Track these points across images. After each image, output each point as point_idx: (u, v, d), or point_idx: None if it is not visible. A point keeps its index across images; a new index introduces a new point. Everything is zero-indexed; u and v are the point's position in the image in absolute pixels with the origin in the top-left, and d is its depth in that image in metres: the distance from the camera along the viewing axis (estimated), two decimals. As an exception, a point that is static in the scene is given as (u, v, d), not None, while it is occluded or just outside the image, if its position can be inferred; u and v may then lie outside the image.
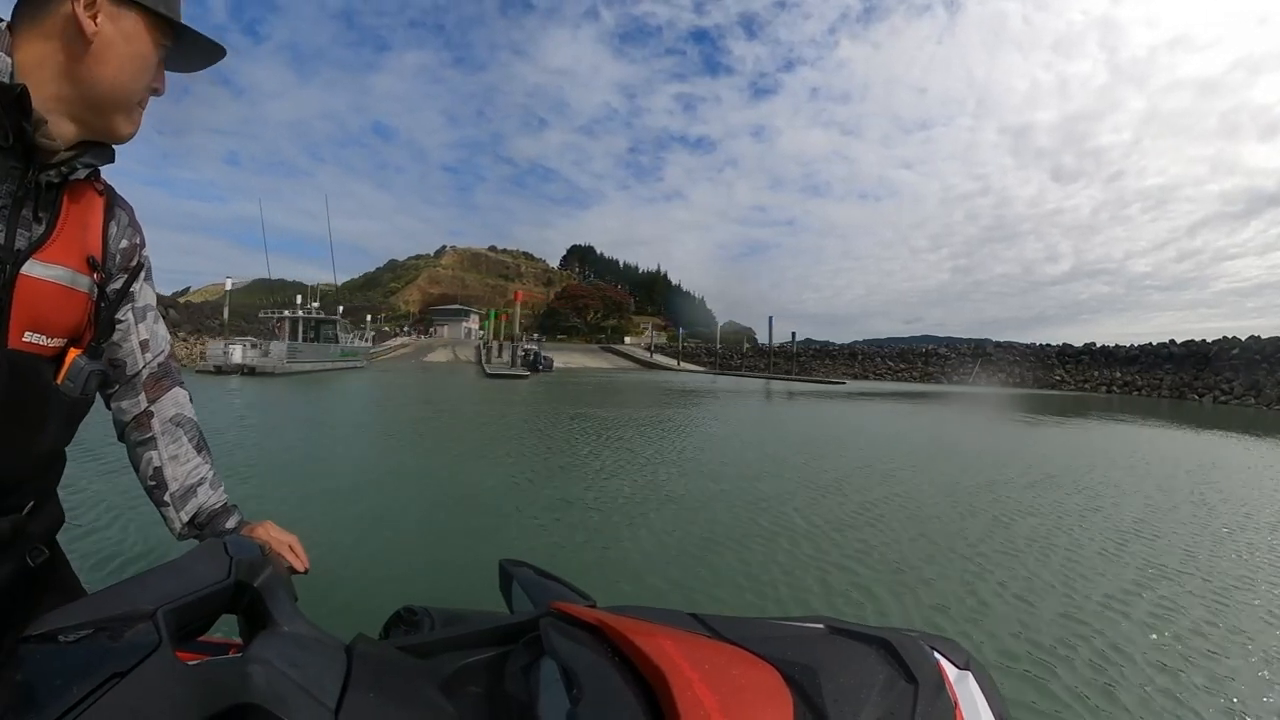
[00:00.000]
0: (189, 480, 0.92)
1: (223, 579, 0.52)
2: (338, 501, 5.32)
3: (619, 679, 0.43)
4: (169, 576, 0.49)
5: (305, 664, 0.43)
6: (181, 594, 0.47)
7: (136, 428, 0.92)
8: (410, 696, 0.46)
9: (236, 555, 0.56)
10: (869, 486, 6.54)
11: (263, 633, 0.48)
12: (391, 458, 7.82)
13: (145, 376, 0.92)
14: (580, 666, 0.45)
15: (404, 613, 0.69)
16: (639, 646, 0.45)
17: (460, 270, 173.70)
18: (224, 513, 0.94)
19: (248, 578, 0.54)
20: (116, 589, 0.46)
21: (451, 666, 0.52)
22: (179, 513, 0.91)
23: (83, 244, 0.78)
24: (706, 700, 0.38)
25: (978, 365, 47.53)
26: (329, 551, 3.79)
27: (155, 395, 0.93)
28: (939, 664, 0.47)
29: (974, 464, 8.23)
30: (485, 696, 0.50)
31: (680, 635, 0.48)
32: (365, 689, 0.43)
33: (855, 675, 0.43)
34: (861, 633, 0.49)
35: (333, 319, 32.70)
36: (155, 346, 0.93)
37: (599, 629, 0.50)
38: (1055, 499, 6.26)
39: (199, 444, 0.96)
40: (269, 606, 0.52)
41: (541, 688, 0.46)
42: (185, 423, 0.95)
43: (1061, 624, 3.23)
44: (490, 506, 5.35)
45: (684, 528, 4.78)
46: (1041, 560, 4.24)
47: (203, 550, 0.56)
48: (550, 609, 0.56)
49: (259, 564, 0.57)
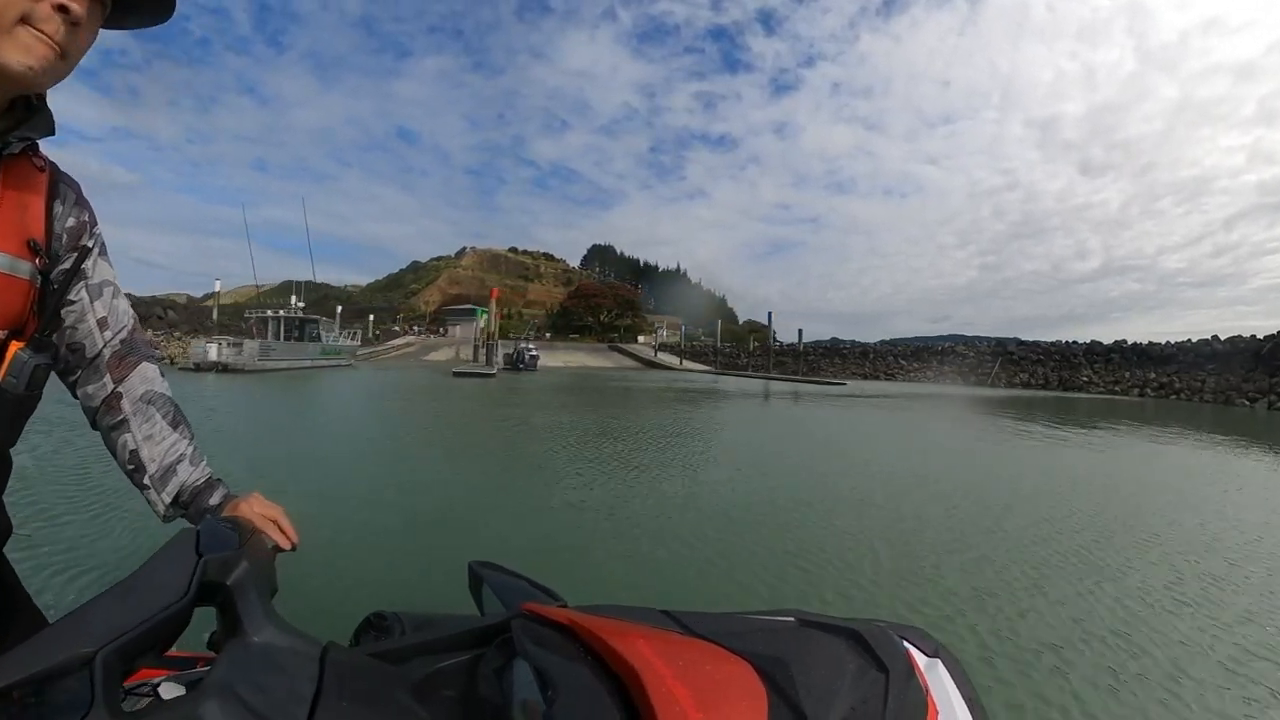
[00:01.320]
0: (167, 459, 0.85)
1: (180, 595, 0.47)
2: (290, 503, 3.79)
3: (592, 679, 0.43)
4: (118, 601, 0.45)
5: (271, 684, 0.41)
6: (130, 625, 0.43)
7: (107, 411, 0.84)
8: (384, 704, 0.44)
9: (208, 552, 0.52)
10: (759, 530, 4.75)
11: (228, 647, 0.45)
12: (331, 459, 7.35)
13: (108, 356, 0.84)
14: (553, 667, 0.44)
15: (374, 618, 0.67)
16: (611, 645, 0.44)
17: (480, 271, 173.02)
18: (208, 488, 0.86)
19: (219, 576, 0.51)
20: (54, 631, 0.42)
21: (424, 671, 0.50)
22: (161, 494, 0.84)
23: (22, 226, 0.72)
24: (681, 697, 0.38)
25: (997, 365, 43.64)
26: (287, 559, 1.98)
27: (122, 374, 0.85)
28: (908, 653, 0.47)
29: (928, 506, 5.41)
30: (459, 700, 0.48)
31: (652, 632, 0.48)
32: (337, 699, 0.41)
33: (827, 666, 0.43)
34: (831, 624, 0.49)
35: (314, 318, 32.60)
36: (116, 323, 0.85)
37: (571, 629, 0.49)
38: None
39: (174, 419, 0.88)
40: (239, 611, 0.49)
41: (515, 690, 0.46)
42: (157, 399, 0.87)
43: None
44: (449, 507, 5.16)
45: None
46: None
47: (166, 555, 0.51)
48: (521, 610, 0.55)
49: (232, 560, 0.53)
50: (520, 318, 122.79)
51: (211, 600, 0.51)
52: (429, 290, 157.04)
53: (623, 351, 68.80)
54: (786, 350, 55.86)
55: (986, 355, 45.45)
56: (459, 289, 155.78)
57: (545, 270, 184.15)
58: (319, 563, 3.36)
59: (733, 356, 61.78)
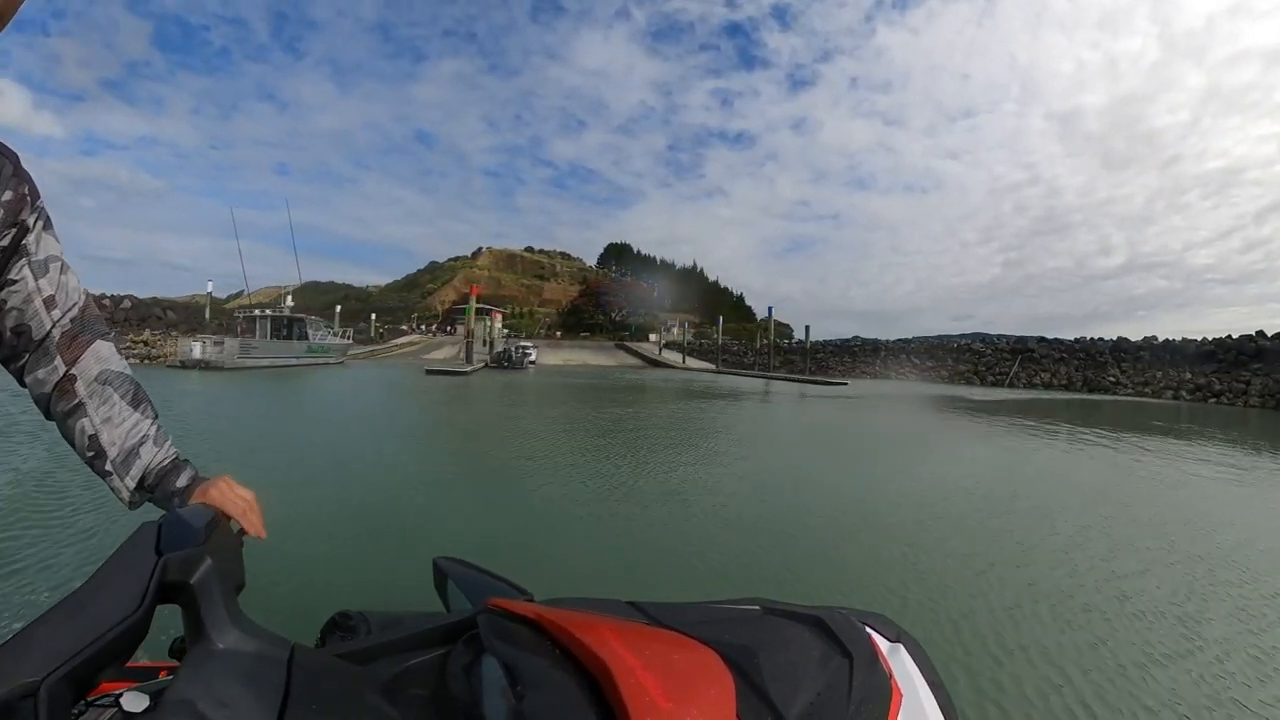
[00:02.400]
0: (129, 441, 0.79)
1: (133, 609, 0.43)
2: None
3: (562, 673, 0.42)
4: (65, 620, 0.41)
5: (236, 695, 0.39)
6: (78, 646, 0.40)
7: (60, 397, 0.77)
8: (353, 705, 0.43)
9: (169, 549, 0.48)
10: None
11: (191, 655, 0.44)
12: (302, 456, 7.07)
13: (58, 337, 0.77)
14: (522, 663, 0.43)
15: (339, 618, 0.67)
16: (579, 638, 0.44)
17: (496, 271, 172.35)
18: (174, 470, 0.81)
19: (181, 575, 0.48)
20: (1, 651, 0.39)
21: (392, 671, 0.49)
22: (124, 479, 0.78)
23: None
24: (650, 686, 0.38)
25: (1016, 364, 40.47)
26: (254, 552, 1.61)
27: (74, 355, 0.78)
28: (871, 638, 0.47)
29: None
30: (429, 699, 0.48)
31: (619, 624, 0.48)
32: (307, 702, 0.40)
33: (792, 653, 0.43)
34: (795, 612, 0.49)
35: (300, 317, 32.79)
36: (65, 301, 0.78)
37: (538, 623, 0.49)
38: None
39: (134, 398, 0.81)
40: (202, 614, 0.46)
41: (484, 686, 0.45)
42: (114, 378, 0.80)
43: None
44: (417, 504, 5.04)
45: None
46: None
47: (121, 558, 0.47)
48: (487, 606, 0.55)
49: (194, 558, 0.49)
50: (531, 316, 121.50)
51: (175, 599, 0.48)
52: (444, 290, 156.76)
53: (628, 350, 66.86)
54: (795, 348, 53.10)
55: (1005, 354, 42.23)
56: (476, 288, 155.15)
57: (561, 269, 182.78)
58: (280, 562, 3.19)
59: (739, 355, 59.13)
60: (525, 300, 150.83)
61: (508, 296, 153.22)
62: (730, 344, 66.71)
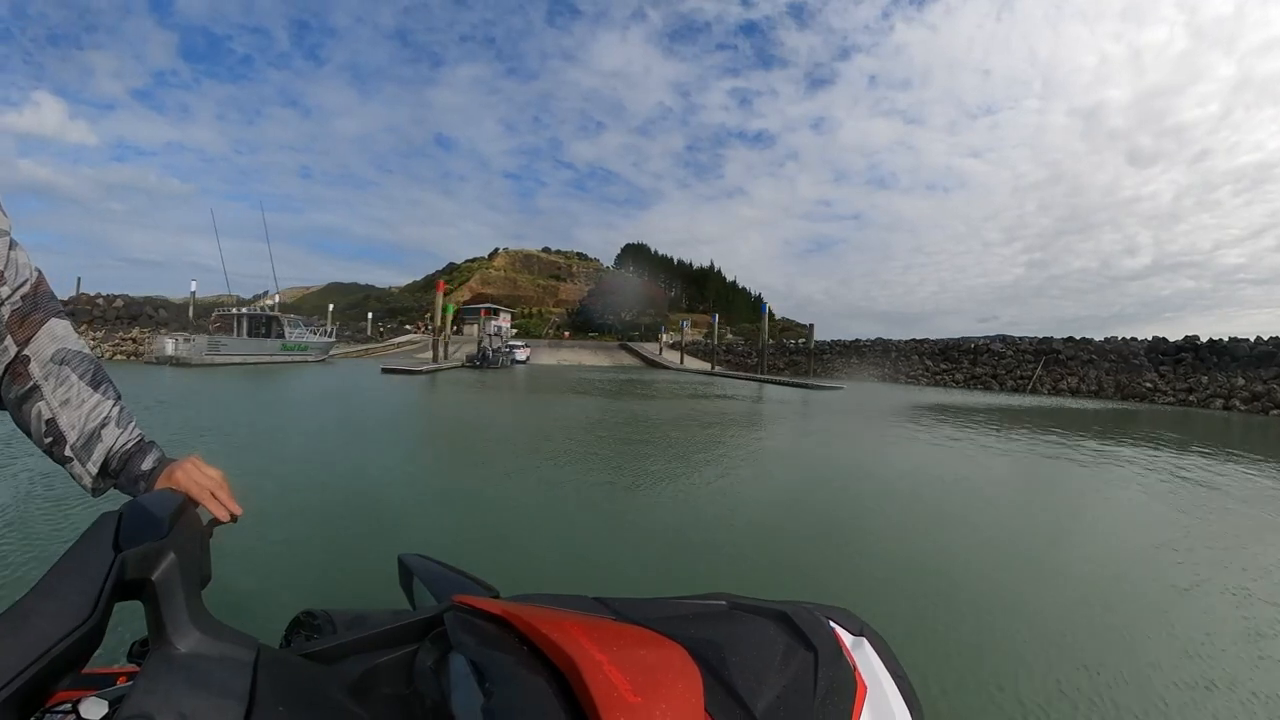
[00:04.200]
0: (89, 424, 0.73)
1: (84, 618, 0.40)
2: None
3: (529, 669, 0.42)
4: (8, 634, 0.37)
5: (198, 703, 0.37)
6: (25, 662, 0.36)
7: (13, 381, 0.72)
8: (321, 706, 0.42)
9: (129, 543, 0.45)
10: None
11: (151, 659, 0.41)
12: (259, 452, 6.95)
13: (8, 316, 0.71)
14: (489, 660, 0.43)
15: (304, 617, 0.65)
16: (546, 635, 0.43)
17: (511, 271, 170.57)
18: (139, 452, 0.76)
19: (142, 572, 0.45)
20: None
21: (359, 670, 0.48)
22: (86, 465, 0.73)
23: None
24: (618, 682, 0.37)
25: (1040, 367, 36.23)
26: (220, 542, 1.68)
27: (27, 335, 0.72)
28: (835, 632, 0.47)
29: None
30: (397, 698, 0.47)
31: (586, 620, 0.47)
32: (273, 704, 0.39)
33: (758, 648, 0.43)
34: (760, 607, 0.49)
35: (276, 315, 32.95)
36: (15, 278, 0.72)
37: (504, 620, 0.48)
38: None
39: (94, 378, 0.75)
40: (163, 615, 0.43)
41: (453, 684, 0.44)
42: (72, 357, 0.74)
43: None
44: (380, 499, 4.98)
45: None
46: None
47: (74, 558, 0.44)
48: (454, 603, 0.54)
49: (155, 553, 0.46)
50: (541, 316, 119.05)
51: (136, 596, 0.45)
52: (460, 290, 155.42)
53: (631, 350, 64.24)
54: (799, 349, 49.33)
55: (1028, 355, 37.96)
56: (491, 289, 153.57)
57: (578, 270, 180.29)
58: (241, 560, 3.14)
59: (744, 355, 55.48)
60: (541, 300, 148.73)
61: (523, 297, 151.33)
62: (736, 344, 63.12)
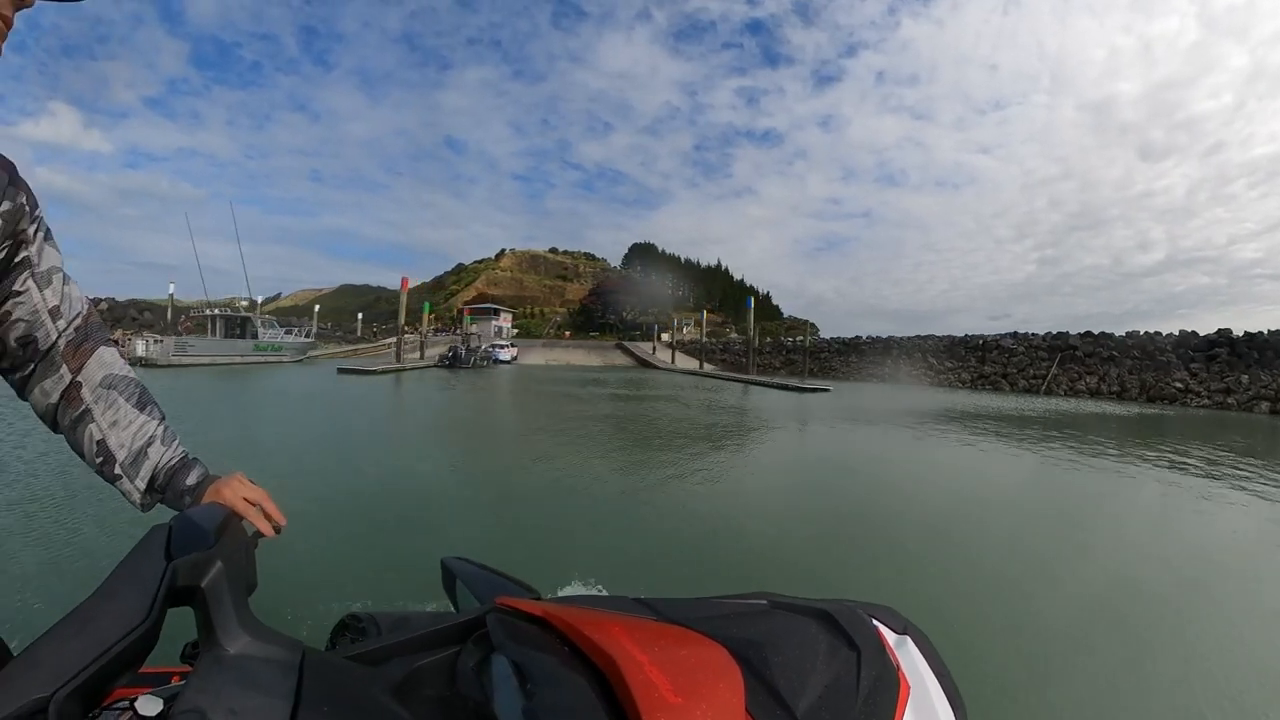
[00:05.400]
0: (137, 443, 0.77)
1: (141, 619, 0.42)
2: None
3: (570, 670, 0.42)
4: (71, 636, 0.40)
5: (246, 703, 0.38)
6: (86, 660, 0.38)
7: (67, 406, 0.76)
8: (364, 707, 0.42)
9: (179, 553, 0.47)
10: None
11: (201, 661, 0.42)
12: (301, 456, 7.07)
13: (63, 346, 0.76)
14: (531, 661, 0.43)
15: (349, 620, 0.66)
16: (587, 635, 0.43)
17: (518, 272, 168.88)
18: (184, 468, 0.79)
19: (192, 580, 0.46)
20: (5, 676, 0.38)
21: (403, 671, 0.48)
22: (134, 481, 0.76)
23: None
24: (659, 682, 0.37)
25: (1055, 365, 32.75)
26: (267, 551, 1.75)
27: (80, 363, 0.76)
28: (878, 630, 0.46)
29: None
30: (440, 699, 0.47)
31: (627, 620, 0.47)
32: (318, 705, 0.39)
33: (800, 647, 0.42)
34: (802, 606, 0.48)
35: (248, 316, 32.79)
36: (69, 311, 0.77)
37: (546, 621, 0.48)
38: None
39: (140, 400, 0.80)
40: (213, 619, 0.45)
41: (495, 685, 0.44)
42: (119, 381, 0.78)
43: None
44: (422, 503, 5.08)
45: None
46: None
47: (129, 566, 0.46)
48: (495, 605, 0.54)
49: (204, 561, 0.48)
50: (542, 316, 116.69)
51: (187, 603, 0.47)
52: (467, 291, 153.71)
53: (625, 349, 61.73)
54: (797, 347, 46.13)
55: (1042, 352, 34.44)
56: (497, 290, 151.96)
57: (584, 270, 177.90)
58: (287, 565, 3.11)
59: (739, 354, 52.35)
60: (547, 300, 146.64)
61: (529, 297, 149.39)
62: (734, 343, 60.02)
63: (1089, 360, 31.87)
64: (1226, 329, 28.39)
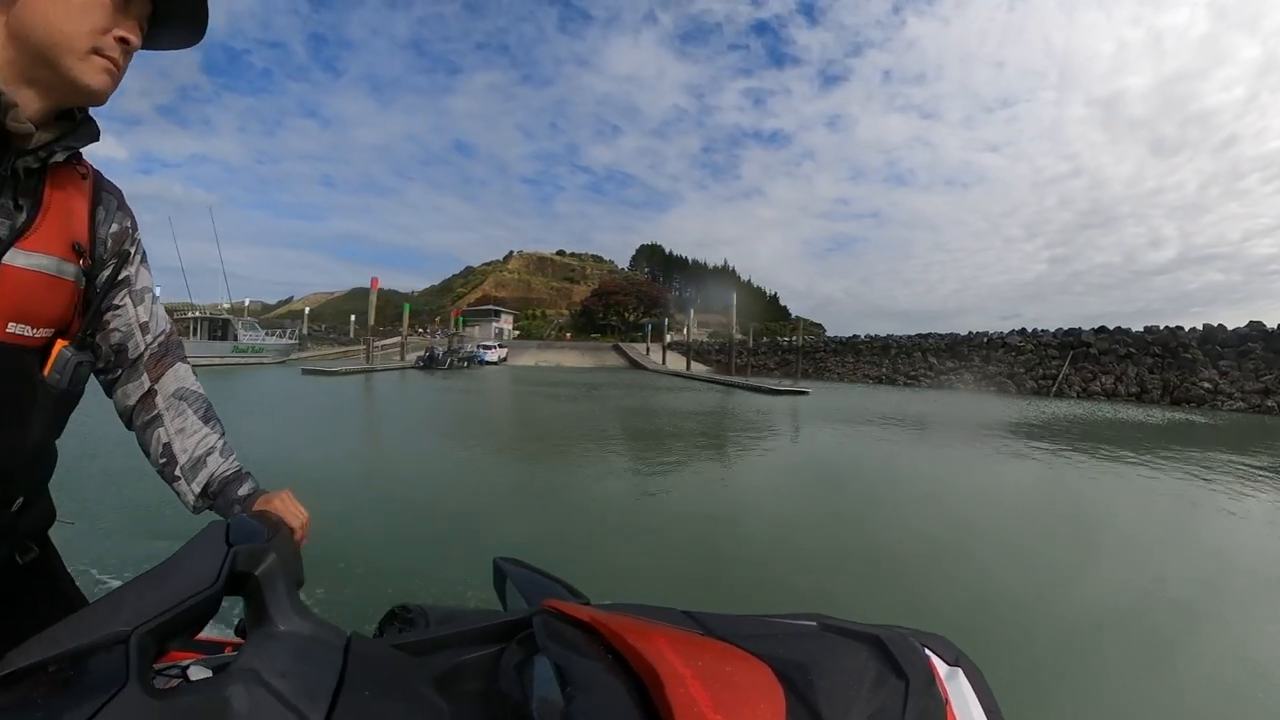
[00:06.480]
0: (198, 451, 0.85)
1: (210, 583, 0.45)
2: (324, 496, 4.73)
3: (611, 677, 0.41)
4: (151, 587, 0.43)
5: (295, 671, 0.39)
6: (162, 608, 0.42)
7: (142, 409, 0.85)
8: (405, 695, 0.42)
9: (237, 544, 0.50)
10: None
11: (254, 634, 0.45)
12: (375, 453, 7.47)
13: (147, 357, 0.86)
14: (573, 665, 0.43)
15: (399, 610, 0.67)
16: (631, 644, 0.43)
17: (526, 274, 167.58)
18: (236, 479, 0.85)
19: (248, 567, 0.49)
20: (92, 610, 0.41)
21: (446, 664, 0.48)
22: (190, 484, 0.83)
23: (68, 230, 0.72)
24: (700, 698, 0.36)
25: (1066, 364, 29.73)
26: (320, 548, 2.68)
27: (158, 374, 0.86)
28: (929, 660, 0.44)
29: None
30: (479, 694, 0.47)
31: (673, 632, 0.46)
32: (360, 688, 0.40)
33: (846, 672, 0.41)
34: (853, 630, 0.46)
35: (228, 319, 32.24)
36: (156, 327, 0.87)
37: (592, 627, 0.48)
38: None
39: (206, 415, 0.88)
40: (266, 601, 0.47)
41: (535, 685, 0.44)
42: (189, 395, 0.88)
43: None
44: (483, 503, 5.14)
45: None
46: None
47: (197, 544, 0.50)
48: (543, 607, 0.54)
49: (260, 552, 0.51)
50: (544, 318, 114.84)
51: (240, 590, 0.49)
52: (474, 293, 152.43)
53: (620, 351, 59.59)
54: (791, 346, 43.40)
55: (1052, 350, 31.40)
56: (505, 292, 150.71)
57: (591, 272, 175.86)
58: (345, 555, 3.28)
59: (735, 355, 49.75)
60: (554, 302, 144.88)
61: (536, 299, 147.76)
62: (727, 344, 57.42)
63: (1104, 359, 28.78)
64: (1259, 321, 25.21)
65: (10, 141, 0.65)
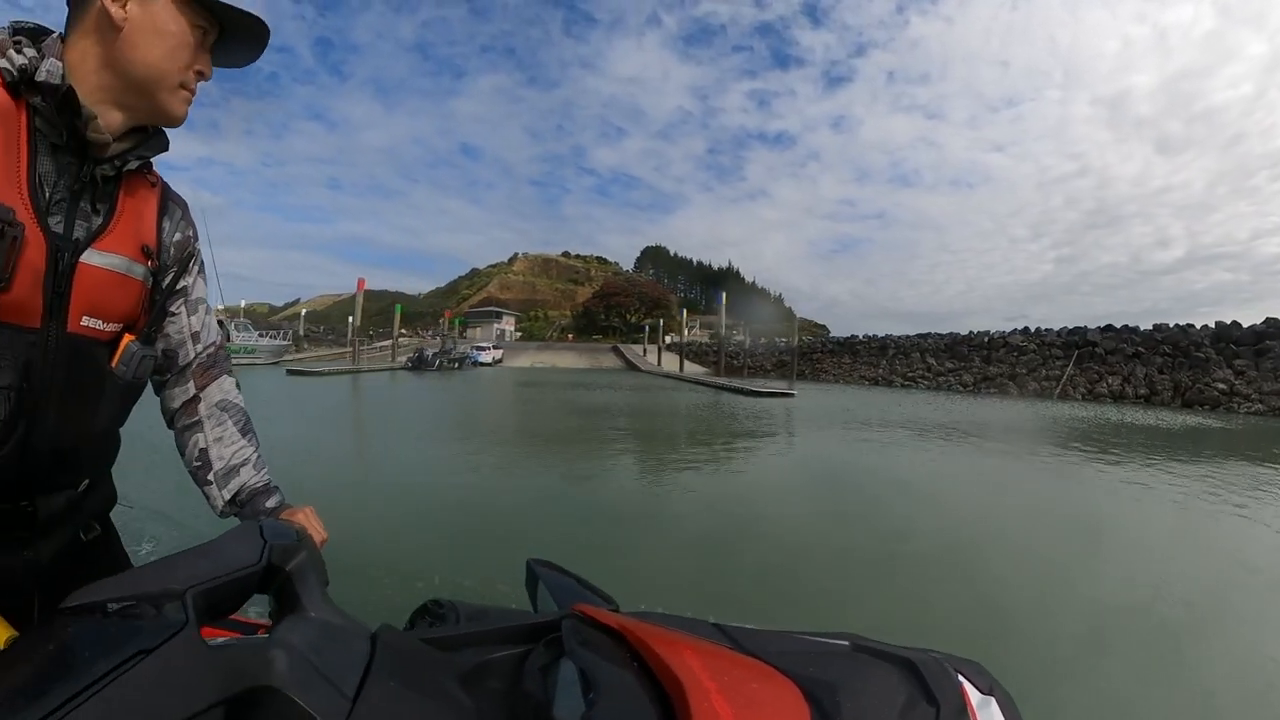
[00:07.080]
0: (233, 460, 0.89)
1: (253, 563, 0.48)
2: (367, 493, 4.99)
3: (635, 685, 0.41)
4: (201, 558, 0.46)
5: (327, 651, 0.40)
6: (212, 576, 0.44)
7: (185, 413, 0.90)
8: (430, 688, 0.42)
9: (271, 539, 0.52)
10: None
11: (289, 616, 0.46)
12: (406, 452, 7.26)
13: (195, 366, 0.90)
14: (598, 670, 0.42)
15: (431, 605, 0.67)
16: (658, 653, 0.42)
17: (530, 276, 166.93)
18: (265, 492, 0.90)
19: (280, 561, 0.51)
20: (151, 567, 0.43)
21: (472, 661, 0.49)
22: (221, 490, 0.88)
23: (138, 234, 0.77)
24: (723, 712, 0.36)
25: (1071, 364, 28.28)
26: (357, 540, 3.30)
27: (204, 383, 0.91)
28: (962, 687, 0.43)
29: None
30: (503, 693, 0.47)
31: (700, 645, 0.46)
32: (386, 678, 0.40)
33: (876, 695, 0.40)
34: (885, 651, 0.46)
35: (220, 320, 29.75)
36: (206, 338, 0.91)
37: (619, 633, 0.47)
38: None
39: (244, 428, 0.93)
40: (298, 591, 0.48)
41: (559, 688, 0.44)
42: (231, 407, 0.92)
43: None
44: (519, 505, 4.98)
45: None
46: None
47: (237, 532, 0.52)
48: (573, 611, 0.54)
49: (292, 549, 0.52)
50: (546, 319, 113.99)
51: (271, 584, 0.50)
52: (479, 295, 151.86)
53: (619, 352, 58.64)
54: (786, 347, 42.14)
55: (1056, 349, 29.94)
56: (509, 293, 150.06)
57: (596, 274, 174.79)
58: (381, 548, 3.29)
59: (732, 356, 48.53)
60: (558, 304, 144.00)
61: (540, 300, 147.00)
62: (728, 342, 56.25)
63: (1111, 358, 27.31)
64: (1275, 318, 23.69)
65: (89, 151, 0.69)
